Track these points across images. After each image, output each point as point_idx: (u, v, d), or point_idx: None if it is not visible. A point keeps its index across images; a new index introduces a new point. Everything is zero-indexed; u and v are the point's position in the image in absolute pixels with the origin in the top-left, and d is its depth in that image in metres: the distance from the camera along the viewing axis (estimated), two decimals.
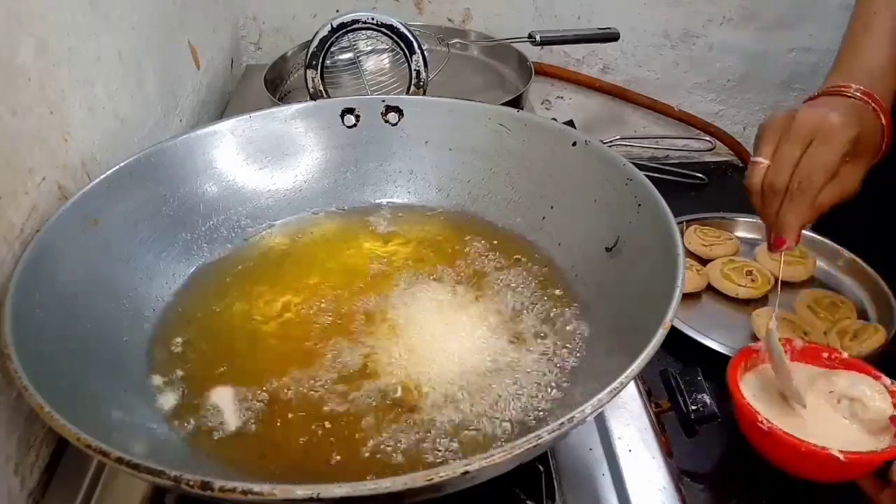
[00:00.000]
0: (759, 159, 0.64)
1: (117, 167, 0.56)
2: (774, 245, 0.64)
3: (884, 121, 0.64)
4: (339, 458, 0.44)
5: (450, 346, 0.52)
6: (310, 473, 0.44)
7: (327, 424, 0.46)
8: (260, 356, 0.52)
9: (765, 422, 0.58)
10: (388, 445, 0.45)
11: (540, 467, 0.47)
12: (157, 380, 0.50)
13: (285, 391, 0.49)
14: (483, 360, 0.51)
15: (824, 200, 0.62)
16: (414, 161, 0.68)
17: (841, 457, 0.55)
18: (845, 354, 0.66)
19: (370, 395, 0.48)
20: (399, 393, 0.48)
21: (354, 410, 0.47)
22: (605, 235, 0.55)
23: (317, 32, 0.78)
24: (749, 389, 0.63)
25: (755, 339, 0.78)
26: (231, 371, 0.51)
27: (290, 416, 0.47)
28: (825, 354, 0.66)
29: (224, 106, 1.06)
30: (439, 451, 0.44)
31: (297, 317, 0.56)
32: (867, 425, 0.60)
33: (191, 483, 0.32)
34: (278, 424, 0.46)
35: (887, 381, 0.63)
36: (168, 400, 0.48)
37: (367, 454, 0.44)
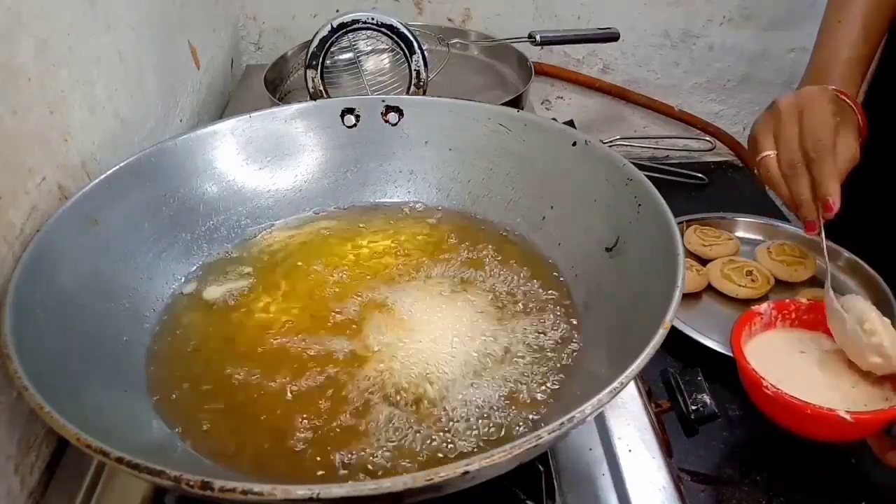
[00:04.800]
0: (766, 153, 0.66)
1: (117, 167, 0.56)
2: (824, 209, 0.64)
3: (860, 117, 0.67)
4: (338, 457, 0.44)
5: (448, 344, 0.52)
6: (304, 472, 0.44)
7: (323, 418, 0.46)
8: (259, 353, 0.52)
9: (769, 386, 0.58)
10: (381, 439, 0.45)
11: (540, 467, 0.47)
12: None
13: (282, 383, 0.49)
14: (482, 360, 0.51)
15: (841, 164, 0.64)
16: (414, 161, 0.68)
17: (848, 417, 0.55)
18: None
19: (365, 390, 0.48)
20: (394, 389, 0.48)
21: (350, 406, 0.47)
22: (605, 235, 0.55)
23: (317, 32, 0.78)
24: (753, 354, 0.63)
25: None
26: (231, 367, 0.51)
27: (284, 411, 0.47)
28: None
29: (224, 106, 1.06)
30: (435, 446, 0.44)
31: (296, 315, 0.56)
32: (872, 383, 0.61)
33: (191, 483, 0.32)
34: (275, 413, 0.47)
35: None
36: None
37: (357, 448, 0.44)
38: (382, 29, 0.77)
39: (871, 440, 0.58)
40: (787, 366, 0.63)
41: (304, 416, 0.47)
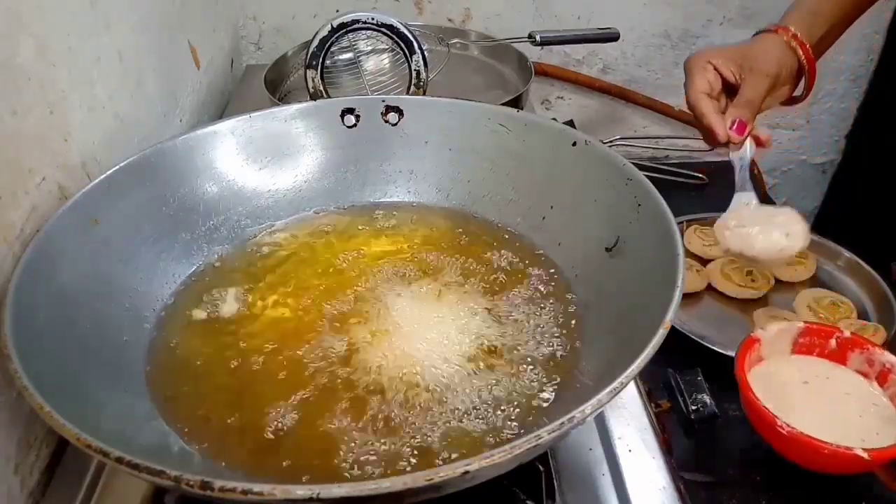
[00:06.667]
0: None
1: (117, 167, 0.56)
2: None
3: (803, 58, 0.71)
4: (339, 456, 0.44)
5: (448, 344, 0.52)
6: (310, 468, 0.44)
7: (324, 417, 0.46)
8: (259, 353, 0.52)
9: (784, 426, 0.58)
10: (379, 438, 0.45)
11: (540, 467, 0.47)
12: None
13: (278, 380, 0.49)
14: (481, 359, 0.51)
15: (744, 98, 0.70)
16: (414, 161, 0.68)
17: (865, 455, 0.55)
18: (847, 333, 0.66)
19: (364, 390, 0.48)
20: (393, 389, 0.48)
21: (349, 406, 0.47)
22: (605, 235, 0.55)
23: (317, 32, 0.78)
24: (758, 385, 0.62)
25: None
26: (231, 367, 0.51)
27: (284, 410, 0.47)
28: (833, 341, 0.66)
29: (224, 106, 1.06)
30: (434, 446, 0.44)
31: (295, 316, 0.56)
32: (878, 410, 0.60)
33: (191, 483, 0.32)
34: (275, 413, 0.47)
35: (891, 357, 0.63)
36: None
37: (354, 447, 0.44)
38: (382, 29, 0.77)
39: (877, 470, 0.59)
40: (793, 398, 0.63)
41: (305, 415, 0.47)
